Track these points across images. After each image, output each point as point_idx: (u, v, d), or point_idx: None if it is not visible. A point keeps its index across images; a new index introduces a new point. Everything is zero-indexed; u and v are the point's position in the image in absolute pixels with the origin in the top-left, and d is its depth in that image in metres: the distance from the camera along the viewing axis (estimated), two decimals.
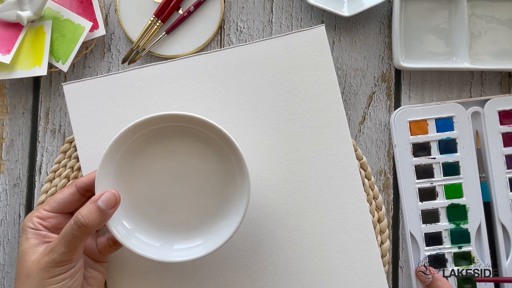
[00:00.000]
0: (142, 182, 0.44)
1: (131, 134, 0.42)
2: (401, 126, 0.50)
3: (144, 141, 0.44)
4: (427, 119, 0.50)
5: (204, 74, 0.49)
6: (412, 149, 0.50)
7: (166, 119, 0.42)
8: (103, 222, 0.40)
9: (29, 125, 0.51)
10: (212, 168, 0.44)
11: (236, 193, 0.43)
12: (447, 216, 0.49)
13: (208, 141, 0.44)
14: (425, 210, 0.49)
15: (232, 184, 0.44)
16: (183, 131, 0.43)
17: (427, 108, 0.50)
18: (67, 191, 0.43)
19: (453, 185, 0.49)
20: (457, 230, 0.49)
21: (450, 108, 0.50)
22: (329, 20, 0.52)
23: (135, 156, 0.44)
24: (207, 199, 0.45)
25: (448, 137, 0.50)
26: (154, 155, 0.44)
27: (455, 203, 0.49)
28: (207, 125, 0.41)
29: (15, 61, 0.49)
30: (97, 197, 0.39)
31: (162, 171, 0.44)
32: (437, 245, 0.49)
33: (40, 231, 0.41)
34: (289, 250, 0.48)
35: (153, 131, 0.43)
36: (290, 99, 0.49)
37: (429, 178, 0.49)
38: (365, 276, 0.48)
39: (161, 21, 0.51)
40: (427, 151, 0.50)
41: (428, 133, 0.50)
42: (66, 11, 0.49)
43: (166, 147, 0.44)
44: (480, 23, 0.51)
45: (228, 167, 0.44)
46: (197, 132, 0.43)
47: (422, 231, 0.49)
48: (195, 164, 0.44)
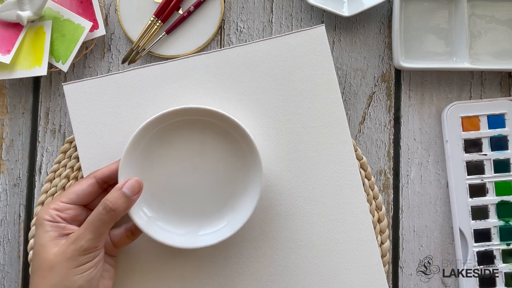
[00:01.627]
0: (161, 172, 0.46)
1: (152, 127, 0.44)
2: (453, 121, 0.50)
3: (164, 133, 0.45)
4: (479, 115, 0.50)
5: (204, 74, 0.49)
6: (464, 145, 0.50)
7: (188, 112, 0.44)
8: (128, 208, 0.41)
9: (29, 125, 0.51)
10: (226, 158, 0.46)
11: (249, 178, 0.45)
12: (496, 213, 0.50)
13: (222, 133, 0.46)
14: (475, 206, 0.50)
15: (245, 171, 0.45)
16: (201, 124, 0.45)
17: (479, 104, 0.50)
18: (86, 182, 0.43)
19: (504, 182, 0.50)
20: (506, 227, 0.49)
21: (502, 105, 0.50)
22: (329, 20, 0.52)
23: (156, 147, 0.46)
24: (223, 186, 0.46)
25: (499, 134, 0.50)
26: (173, 147, 0.46)
27: (505, 200, 0.49)
28: (224, 118, 0.44)
29: (15, 61, 0.49)
30: (121, 184, 0.41)
31: (180, 161, 0.46)
32: (485, 241, 0.49)
33: (59, 223, 0.41)
34: (289, 250, 0.48)
35: (172, 124, 0.45)
36: (290, 99, 0.49)
37: (480, 175, 0.50)
38: (365, 276, 0.48)
39: (161, 21, 0.51)
40: (479, 148, 0.50)
41: (480, 129, 0.50)
42: (66, 11, 0.49)
43: (184, 139, 0.46)
44: (480, 23, 0.51)
45: (240, 155, 0.46)
46: (213, 125, 0.45)
47: (471, 227, 0.49)
48: (211, 154, 0.46)
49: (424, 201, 0.51)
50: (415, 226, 0.51)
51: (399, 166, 0.51)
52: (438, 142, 0.51)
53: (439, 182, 0.51)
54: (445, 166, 0.51)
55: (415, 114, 0.51)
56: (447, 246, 0.50)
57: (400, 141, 0.51)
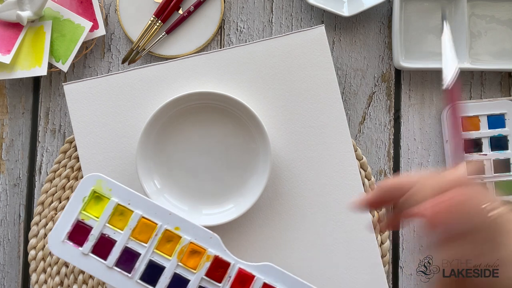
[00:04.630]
0: (175, 151, 0.48)
1: (170, 108, 0.46)
2: None
3: (181, 116, 0.47)
4: (479, 115, 0.50)
5: (204, 74, 0.49)
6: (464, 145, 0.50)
7: (205, 97, 0.46)
8: None
9: (29, 125, 0.51)
10: (237, 143, 0.48)
11: (258, 163, 0.47)
12: None
13: (234, 117, 0.47)
14: None
15: (255, 157, 0.47)
16: (214, 109, 0.47)
17: (479, 104, 0.50)
18: None
19: (504, 182, 0.50)
20: None
21: (502, 105, 0.50)
22: (329, 20, 0.52)
23: (172, 128, 0.48)
24: (232, 171, 0.48)
25: (499, 134, 0.50)
26: (188, 129, 0.48)
27: (505, 200, 0.50)
28: (237, 104, 0.46)
29: (15, 61, 0.49)
30: None
31: (194, 143, 0.48)
32: None
33: None
34: (289, 250, 0.48)
35: (189, 107, 0.47)
36: (290, 99, 0.49)
37: (480, 175, 0.50)
38: (365, 276, 0.48)
39: (161, 21, 0.51)
40: (479, 148, 0.50)
41: (480, 129, 0.50)
42: (66, 11, 0.49)
43: (198, 122, 0.48)
44: (480, 23, 0.51)
45: (250, 142, 0.47)
46: (225, 110, 0.47)
47: None
48: (222, 138, 0.48)
49: None
50: (415, 226, 0.51)
51: (399, 166, 0.51)
52: (438, 142, 0.51)
53: None
54: (445, 166, 0.51)
55: (415, 114, 0.51)
56: None
57: (400, 141, 0.51)
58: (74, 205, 0.42)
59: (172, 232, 0.42)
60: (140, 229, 0.42)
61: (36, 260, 0.49)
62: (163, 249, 0.42)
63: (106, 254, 0.42)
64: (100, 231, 0.42)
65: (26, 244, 0.50)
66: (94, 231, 0.42)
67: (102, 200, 0.42)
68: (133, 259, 0.42)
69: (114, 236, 0.42)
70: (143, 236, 0.42)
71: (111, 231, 0.42)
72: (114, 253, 0.42)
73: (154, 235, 0.42)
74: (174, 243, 0.42)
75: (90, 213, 0.42)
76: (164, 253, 0.42)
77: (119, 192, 0.42)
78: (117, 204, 0.42)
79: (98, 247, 0.42)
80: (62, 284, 0.49)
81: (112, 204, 0.42)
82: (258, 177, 0.46)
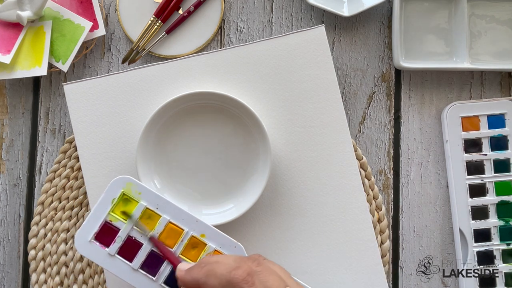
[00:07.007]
0: (175, 151, 0.48)
1: (170, 108, 0.46)
2: (453, 121, 0.50)
3: (181, 116, 0.47)
4: (479, 115, 0.50)
5: (204, 74, 0.49)
6: (464, 145, 0.50)
7: (205, 97, 0.46)
8: None
9: (29, 125, 0.51)
10: (237, 143, 0.48)
11: (258, 163, 0.47)
12: (496, 213, 0.50)
13: (234, 118, 0.47)
14: (475, 206, 0.50)
15: (254, 156, 0.47)
16: (214, 109, 0.47)
17: (479, 104, 0.50)
18: None
19: (504, 182, 0.50)
20: (506, 227, 0.49)
21: (502, 105, 0.50)
22: (329, 20, 0.52)
23: (173, 127, 0.47)
24: (232, 170, 0.48)
25: (499, 134, 0.50)
26: (188, 129, 0.48)
27: (505, 200, 0.50)
28: (237, 104, 0.46)
29: (15, 61, 0.49)
30: None
31: (194, 143, 0.48)
32: (485, 241, 0.49)
33: None
34: (289, 250, 0.48)
35: (190, 107, 0.47)
36: (290, 99, 0.49)
37: (480, 175, 0.50)
38: (365, 276, 0.48)
39: (161, 21, 0.51)
40: (479, 148, 0.50)
41: (480, 129, 0.50)
42: (66, 11, 0.49)
43: (198, 122, 0.48)
44: (480, 23, 0.51)
45: (250, 142, 0.47)
46: (225, 110, 0.47)
47: (471, 227, 0.49)
48: (222, 138, 0.48)
49: (424, 201, 0.51)
50: (415, 226, 0.51)
51: (399, 166, 0.51)
52: (438, 142, 0.51)
53: (439, 182, 0.51)
54: (445, 166, 0.51)
55: (415, 114, 0.51)
56: (447, 246, 0.50)
57: (400, 141, 0.51)
58: (103, 205, 0.42)
59: (198, 239, 0.42)
60: (167, 234, 0.42)
61: (36, 260, 0.49)
62: (188, 255, 0.42)
63: (132, 256, 0.42)
64: (127, 233, 0.42)
65: (26, 244, 0.50)
66: (121, 233, 0.42)
67: (130, 203, 0.42)
68: (158, 262, 0.42)
69: (141, 239, 0.42)
70: (169, 241, 0.42)
71: (138, 234, 0.42)
72: (140, 256, 0.42)
73: (180, 241, 0.42)
74: (199, 249, 0.42)
75: (118, 215, 0.42)
76: (189, 259, 0.42)
77: (148, 196, 0.42)
78: (145, 208, 0.42)
79: (124, 249, 0.42)
80: (62, 284, 0.49)
81: (141, 208, 0.42)
82: (258, 177, 0.46)
